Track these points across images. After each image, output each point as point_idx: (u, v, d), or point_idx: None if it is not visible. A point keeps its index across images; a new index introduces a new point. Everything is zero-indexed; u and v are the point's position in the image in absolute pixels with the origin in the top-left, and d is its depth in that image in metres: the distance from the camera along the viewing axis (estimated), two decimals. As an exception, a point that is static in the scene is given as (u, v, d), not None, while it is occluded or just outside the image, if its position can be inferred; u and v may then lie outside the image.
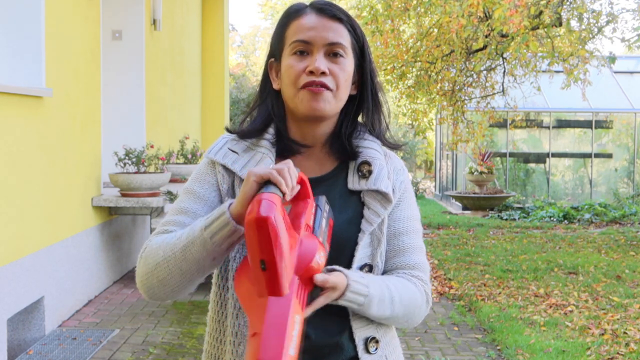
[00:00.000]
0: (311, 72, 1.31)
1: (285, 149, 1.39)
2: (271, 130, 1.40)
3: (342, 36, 1.35)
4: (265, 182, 1.14)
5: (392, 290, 1.34)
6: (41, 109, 4.64)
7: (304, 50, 1.33)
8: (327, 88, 1.32)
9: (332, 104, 1.34)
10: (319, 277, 1.18)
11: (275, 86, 1.40)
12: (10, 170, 4.20)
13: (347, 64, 1.36)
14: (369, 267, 1.37)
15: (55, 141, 4.88)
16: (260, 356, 1.02)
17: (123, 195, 5.89)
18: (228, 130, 1.44)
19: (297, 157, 1.40)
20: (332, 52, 1.34)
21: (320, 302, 1.22)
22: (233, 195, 1.37)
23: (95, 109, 5.77)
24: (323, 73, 1.31)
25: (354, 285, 1.27)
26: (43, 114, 4.68)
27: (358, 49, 1.39)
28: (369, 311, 1.32)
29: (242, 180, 1.35)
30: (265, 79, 1.42)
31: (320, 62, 1.32)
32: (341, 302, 1.27)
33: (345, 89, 1.36)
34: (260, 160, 1.36)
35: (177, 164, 7.55)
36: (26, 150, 4.42)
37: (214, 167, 1.39)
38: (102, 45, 5.98)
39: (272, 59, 1.41)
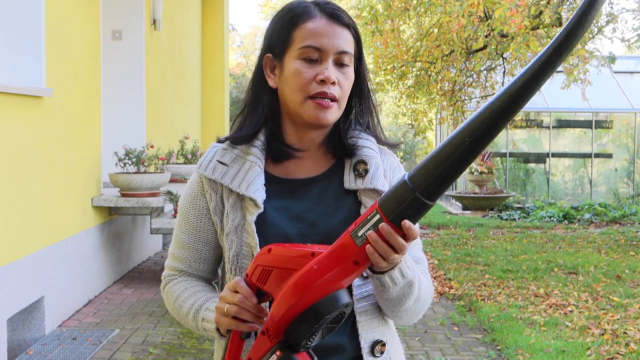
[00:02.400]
0: (322, 81, 1.31)
1: (278, 154, 1.39)
2: (262, 136, 1.39)
3: (350, 44, 1.35)
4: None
5: (420, 279, 1.34)
6: (41, 109, 4.64)
7: (316, 57, 1.32)
8: (335, 100, 1.32)
9: (337, 114, 1.35)
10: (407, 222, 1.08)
11: (271, 84, 1.37)
12: (10, 170, 4.20)
13: (351, 72, 1.36)
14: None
15: (55, 141, 4.88)
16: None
17: (123, 195, 5.89)
18: (219, 140, 1.43)
19: (291, 160, 1.39)
20: (340, 62, 1.33)
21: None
22: (222, 208, 1.38)
23: (95, 109, 5.77)
24: (333, 83, 1.31)
25: (402, 265, 1.24)
26: (43, 114, 4.68)
27: (357, 54, 1.39)
28: (404, 298, 1.30)
29: (230, 191, 1.35)
30: (260, 76, 1.40)
31: (331, 71, 1.31)
32: (380, 278, 1.24)
33: (347, 97, 1.37)
34: (250, 168, 1.35)
35: (177, 164, 7.55)
36: (26, 150, 4.42)
37: (202, 186, 1.40)
38: (102, 45, 5.98)
39: (269, 55, 1.38)
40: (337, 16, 1.34)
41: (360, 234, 1.08)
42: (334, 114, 1.33)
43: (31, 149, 4.49)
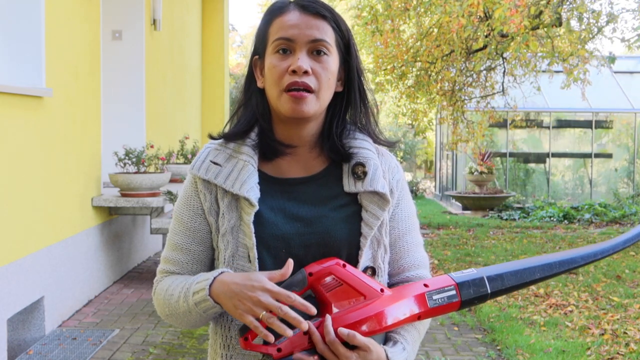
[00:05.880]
0: (294, 72, 1.29)
1: (270, 151, 1.37)
2: (253, 134, 1.38)
3: (326, 33, 1.32)
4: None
5: (421, 334, 1.42)
6: (41, 109, 4.64)
7: (287, 48, 1.31)
8: (310, 90, 1.30)
9: (315, 105, 1.32)
10: (345, 331, 1.21)
11: (259, 84, 1.38)
12: (11, 171, 4.20)
13: (331, 61, 1.33)
14: (371, 270, 1.36)
15: (56, 141, 4.88)
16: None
17: (123, 195, 5.89)
18: (212, 137, 1.42)
19: (284, 157, 1.38)
20: (315, 50, 1.31)
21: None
22: (217, 209, 1.36)
23: (95, 109, 5.77)
24: (305, 72, 1.29)
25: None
26: (43, 114, 4.68)
27: (343, 46, 1.36)
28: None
29: (225, 191, 1.34)
30: (250, 77, 1.40)
31: (302, 61, 1.29)
32: None
33: (329, 88, 1.34)
34: (243, 167, 1.34)
35: (177, 164, 7.55)
36: (26, 150, 4.42)
37: (196, 186, 1.39)
38: (102, 45, 5.97)
39: (256, 57, 1.39)
40: (309, 7, 1.33)
41: (435, 297, 1.29)
42: (310, 105, 1.31)
43: (31, 149, 4.49)
